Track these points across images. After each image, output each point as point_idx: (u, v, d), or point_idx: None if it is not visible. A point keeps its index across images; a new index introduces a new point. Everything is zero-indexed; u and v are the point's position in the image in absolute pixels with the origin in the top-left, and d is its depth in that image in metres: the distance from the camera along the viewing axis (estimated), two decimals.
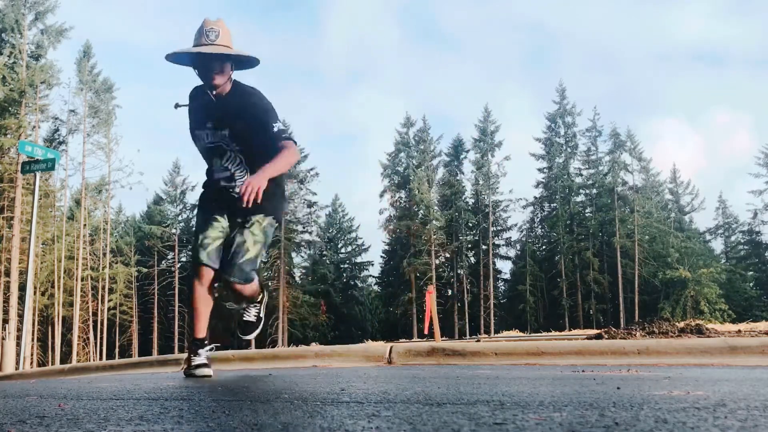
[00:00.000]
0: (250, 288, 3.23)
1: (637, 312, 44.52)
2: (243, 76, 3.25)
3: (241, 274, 3.12)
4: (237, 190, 3.17)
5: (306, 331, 46.90)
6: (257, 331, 3.59)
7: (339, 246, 57.37)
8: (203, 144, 3.25)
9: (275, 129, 3.04)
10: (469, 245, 51.78)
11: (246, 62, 3.17)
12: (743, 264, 53.68)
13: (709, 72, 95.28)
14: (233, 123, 3.11)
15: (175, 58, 3.12)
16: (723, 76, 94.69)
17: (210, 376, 3.15)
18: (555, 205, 51.15)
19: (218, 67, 3.04)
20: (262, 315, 3.60)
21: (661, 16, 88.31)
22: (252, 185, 2.77)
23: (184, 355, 6.08)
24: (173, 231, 51.30)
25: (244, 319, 3.54)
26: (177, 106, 3.25)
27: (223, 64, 3.05)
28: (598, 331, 8.66)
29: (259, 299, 3.55)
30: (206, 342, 3.23)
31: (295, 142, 3.06)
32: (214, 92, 3.09)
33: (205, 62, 3.03)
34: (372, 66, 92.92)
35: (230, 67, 3.09)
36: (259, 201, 2.80)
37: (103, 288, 41.63)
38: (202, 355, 3.20)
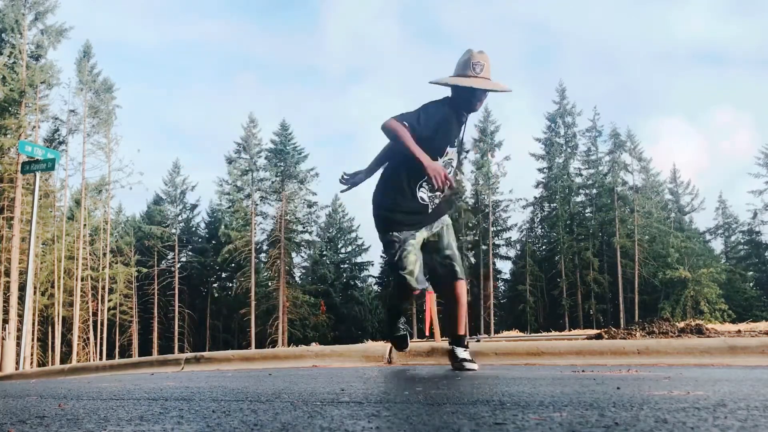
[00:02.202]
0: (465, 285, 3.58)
1: (637, 312, 44.52)
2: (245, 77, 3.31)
3: (463, 268, 3.54)
4: (435, 202, 3.43)
5: (306, 331, 46.89)
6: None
7: (339, 246, 57.37)
8: (445, 159, 3.40)
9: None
10: (469, 245, 51.77)
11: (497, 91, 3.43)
12: (743, 264, 53.68)
13: (710, 72, 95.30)
14: (460, 148, 3.49)
15: (440, 83, 3.35)
16: (724, 76, 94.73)
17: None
18: (555, 205, 51.15)
19: (483, 98, 3.36)
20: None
21: (663, 16, 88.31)
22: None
23: (184, 355, 6.08)
24: (173, 231, 51.30)
25: (466, 365, 3.44)
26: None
27: (486, 95, 3.37)
28: (598, 331, 8.66)
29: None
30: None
31: None
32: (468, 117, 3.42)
33: (478, 94, 3.31)
34: (372, 65, 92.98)
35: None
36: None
37: (103, 288, 41.63)
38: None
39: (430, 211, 3.40)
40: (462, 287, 3.48)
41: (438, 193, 3.34)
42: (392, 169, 3.36)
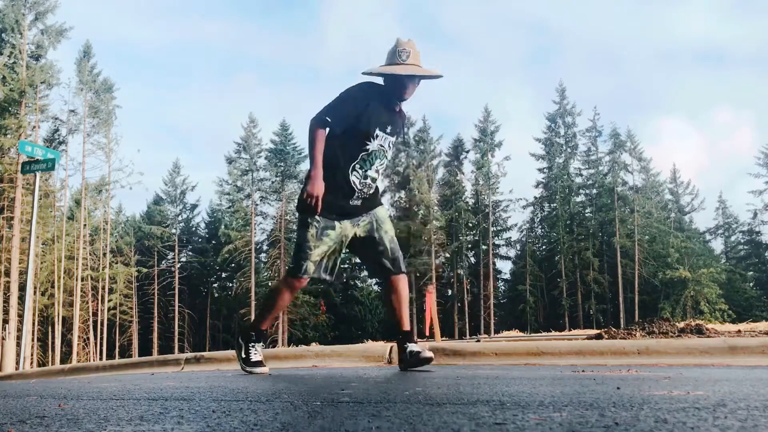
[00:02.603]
0: (406, 279, 3.54)
1: (637, 312, 44.52)
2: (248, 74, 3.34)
3: (400, 262, 3.50)
4: (365, 193, 3.38)
5: (306, 331, 46.90)
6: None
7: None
8: (375, 143, 3.36)
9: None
10: (469, 245, 51.78)
11: (428, 77, 3.45)
12: (743, 264, 53.68)
13: (710, 71, 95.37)
14: (396, 132, 3.45)
15: (371, 73, 3.40)
16: (724, 76, 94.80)
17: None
18: (555, 205, 51.15)
19: (411, 85, 3.36)
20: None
21: (663, 15, 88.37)
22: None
23: (184, 355, 6.08)
24: (173, 231, 51.30)
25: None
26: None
27: (415, 82, 3.38)
28: (598, 331, 8.66)
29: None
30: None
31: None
32: (401, 102, 3.43)
33: (400, 80, 3.33)
34: (372, 65, 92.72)
35: (416, 84, 3.42)
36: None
37: (103, 288, 41.63)
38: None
39: (358, 202, 3.35)
40: (401, 281, 3.46)
41: (369, 183, 3.35)
42: (326, 156, 3.32)
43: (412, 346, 3.40)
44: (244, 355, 3.50)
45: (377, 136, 3.33)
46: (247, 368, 3.47)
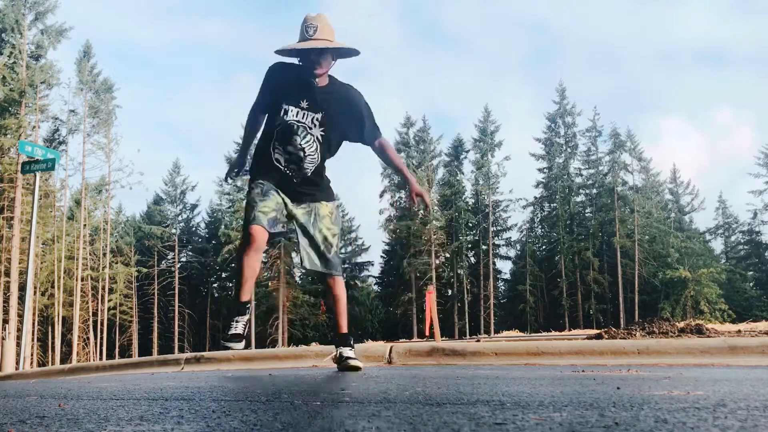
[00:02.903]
0: (342, 282, 3.46)
1: (637, 312, 44.52)
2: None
3: (338, 267, 3.43)
4: (305, 171, 3.38)
5: (306, 331, 46.91)
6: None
7: (339, 246, 57.35)
8: (286, 118, 3.35)
9: (375, 124, 3.44)
10: (469, 245, 51.78)
11: (345, 53, 3.38)
12: (743, 264, 53.68)
13: (710, 71, 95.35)
14: (332, 109, 3.36)
15: (284, 53, 3.38)
16: (724, 75, 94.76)
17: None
18: (555, 205, 51.15)
19: (319, 59, 3.28)
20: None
21: (663, 15, 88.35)
22: (424, 194, 3.38)
23: (184, 355, 6.08)
24: (173, 231, 51.31)
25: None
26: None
27: (324, 56, 3.29)
28: (598, 331, 8.66)
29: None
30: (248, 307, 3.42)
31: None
32: (316, 80, 3.33)
33: (308, 55, 3.29)
34: (372, 65, 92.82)
35: (331, 59, 3.33)
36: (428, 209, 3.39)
37: (103, 288, 41.64)
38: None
39: (293, 180, 3.38)
40: (337, 283, 3.48)
41: (296, 159, 3.37)
42: (258, 138, 3.46)
43: (344, 350, 3.47)
44: (225, 331, 3.47)
45: (287, 110, 3.33)
46: (223, 342, 3.42)
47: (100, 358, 38.23)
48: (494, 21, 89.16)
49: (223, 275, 55.24)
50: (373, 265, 56.22)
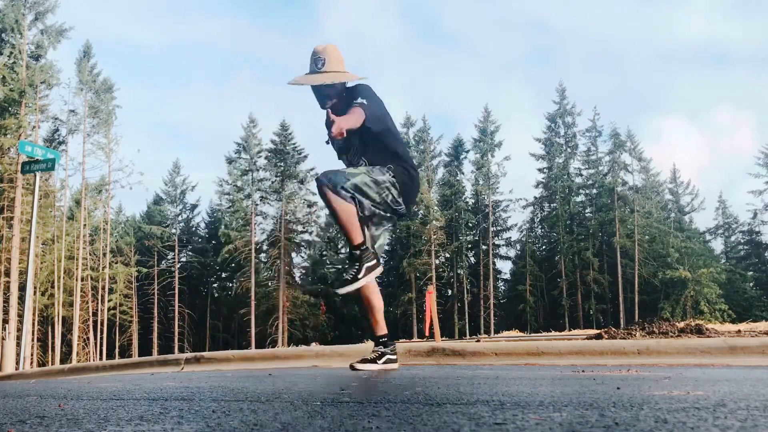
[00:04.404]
0: (339, 203, 3.23)
1: (637, 312, 44.52)
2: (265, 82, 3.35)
3: (332, 180, 3.20)
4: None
5: (306, 331, 46.90)
6: (349, 289, 3.29)
7: (339, 246, 57.37)
8: (336, 147, 3.55)
9: (354, 101, 3.29)
10: (469, 245, 51.78)
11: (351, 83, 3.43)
12: (743, 264, 53.67)
13: (711, 71, 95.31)
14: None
15: (294, 85, 3.43)
16: (725, 75, 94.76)
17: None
18: (555, 205, 51.15)
19: (326, 92, 3.36)
20: (359, 276, 3.32)
21: (664, 15, 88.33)
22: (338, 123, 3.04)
23: (184, 356, 6.08)
24: (173, 231, 51.30)
25: (343, 276, 3.41)
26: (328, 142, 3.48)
27: (330, 88, 3.36)
28: (598, 331, 8.66)
29: (360, 263, 3.37)
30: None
31: (365, 111, 3.21)
32: (329, 107, 3.35)
33: (316, 89, 3.38)
34: (372, 65, 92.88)
35: (340, 90, 3.39)
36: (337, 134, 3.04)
37: (103, 288, 41.64)
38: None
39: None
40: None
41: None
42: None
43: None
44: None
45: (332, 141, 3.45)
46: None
47: (100, 358, 38.24)
48: (494, 21, 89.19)
49: (223, 275, 55.27)
50: None
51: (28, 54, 31.76)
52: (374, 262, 3.34)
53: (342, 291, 3.24)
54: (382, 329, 3.51)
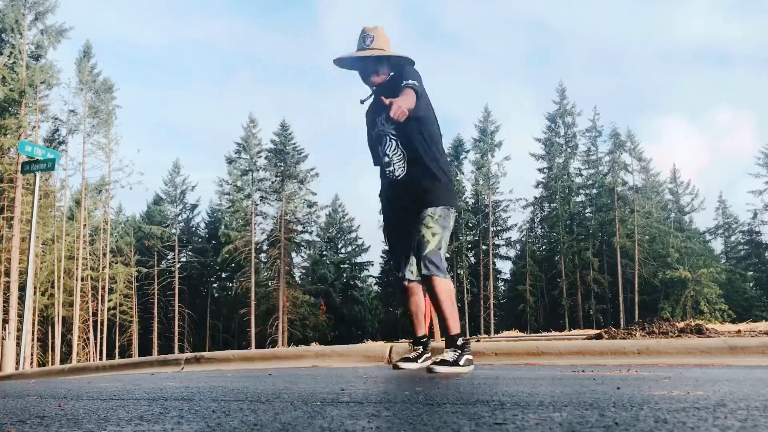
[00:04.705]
0: (444, 283, 3.27)
1: (637, 312, 44.50)
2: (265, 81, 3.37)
3: (430, 266, 3.24)
4: (395, 174, 3.40)
5: (306, 331, 46.89)
6: (447, 371, 3.04)
7: (339, 246, 57.38)
8: (372, 136, 3.54)
9: (403, 83, 3.24)
10: (469, 245, 51.77)
11: (399, 61, 3.43)
12: (743, 264, 53.66)
13: (711, 71, 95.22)
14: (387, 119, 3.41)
15: (340, 63, 3.47)
16: (725, 75, 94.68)
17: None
18: (555, 205, 51.15)
19: (373, 68, 3.38)
20: (461, 364, 3.10)
21: (664, 15, 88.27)
22: (396, 104, 2.98)
23: (184, 356, 6.08)
24: (173, 231, 51.30)
25: (441, 357, 3.18)
26: (362, 101, 3.58)
27: (378, 65, 3.37)
28: (598, 331, 8.66)
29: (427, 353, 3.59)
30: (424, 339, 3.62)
31: (416, 91, 3.21)
32: (374, 87, 3.44)
33: (363, 65, 3.40)
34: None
35: (386, 68, 3.41)
36: (400, 118, 2.98)
37: (103, 288, 41.63)
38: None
39: (396, 180, 3.51)
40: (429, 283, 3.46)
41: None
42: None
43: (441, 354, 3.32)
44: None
45: (370, 134, 3.56)
46: (397, 363, 3.52)
47: (100, 358, 38.24)
48: (494, 21, 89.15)
49: (223, 275, 55.27)
50: (373, 265, 56.27)
51: (28, 54, 31.75)
52: (471, 356, 3.28)
53: (438, 370, 3.04)
54: (455, 328, 3.30)
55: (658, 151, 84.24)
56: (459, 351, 3.18)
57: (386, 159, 3.41)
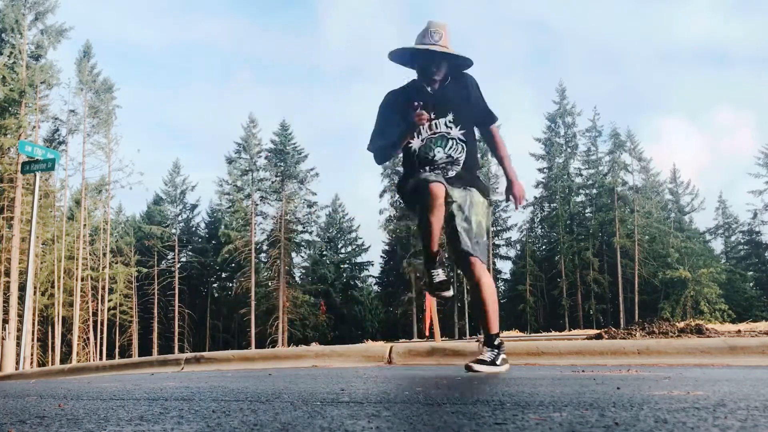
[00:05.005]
0: (487, 282, 3.25)
1: (637, 312, 44.50)
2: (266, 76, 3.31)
3: (480, 250, 3.23)
4: (448, 174, 3.30)
5: (306, 331, 46.90)
6: (487, 371, 3.08)
7: (339, 246, 57.36)
8: (421, 136, 3.30)
9: (488, 108, 3.34)
10: None
11: (462, 62, 3.35)
12: (743, 264, 53.65)
13: (711, 71, 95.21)
14: (456, 109, 3.30)
15: (398, 57, 3.33)
16: (725, 75, 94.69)
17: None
18: (555, 205, 51.15)
19: (438, 64, 3.25)
20: (497, 363, 3.17)
21: (664, 15, 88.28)
22: (522, 190, 3.38)
23: (185, 356, 6.08)
24: (173, 231, 51.30)
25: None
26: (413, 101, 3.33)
27: (442, 62, 3.26)
28: (598, 331, 8.66)
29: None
30: None
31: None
32: (436, 85, 3.29)
33: (428, 59, 3.24)
34: (372, 64, 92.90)
35: (446, 67, 3.30)
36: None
37: (103, 288, 41.63)
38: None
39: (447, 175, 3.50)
40: (477, 265, 3.34)
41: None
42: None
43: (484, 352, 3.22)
44: (429, 284, 3.39)
45: (419, 132, 3.30)
46: (435, 292, 3.37)
47: (100, 358, 38.24)
48: (494, 21, 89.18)
49: (223, 275, 55.26)
50: (373, 265, 56.27)
51: (28, 54, 31.75)
52: (504, 356, 3.24)
53: (477, 368, 3.03)
54: (494, 328, 3.25)
55: (658, 151, 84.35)
56: (496, 350, 3.17)
57: (448, 159, 3.30)
